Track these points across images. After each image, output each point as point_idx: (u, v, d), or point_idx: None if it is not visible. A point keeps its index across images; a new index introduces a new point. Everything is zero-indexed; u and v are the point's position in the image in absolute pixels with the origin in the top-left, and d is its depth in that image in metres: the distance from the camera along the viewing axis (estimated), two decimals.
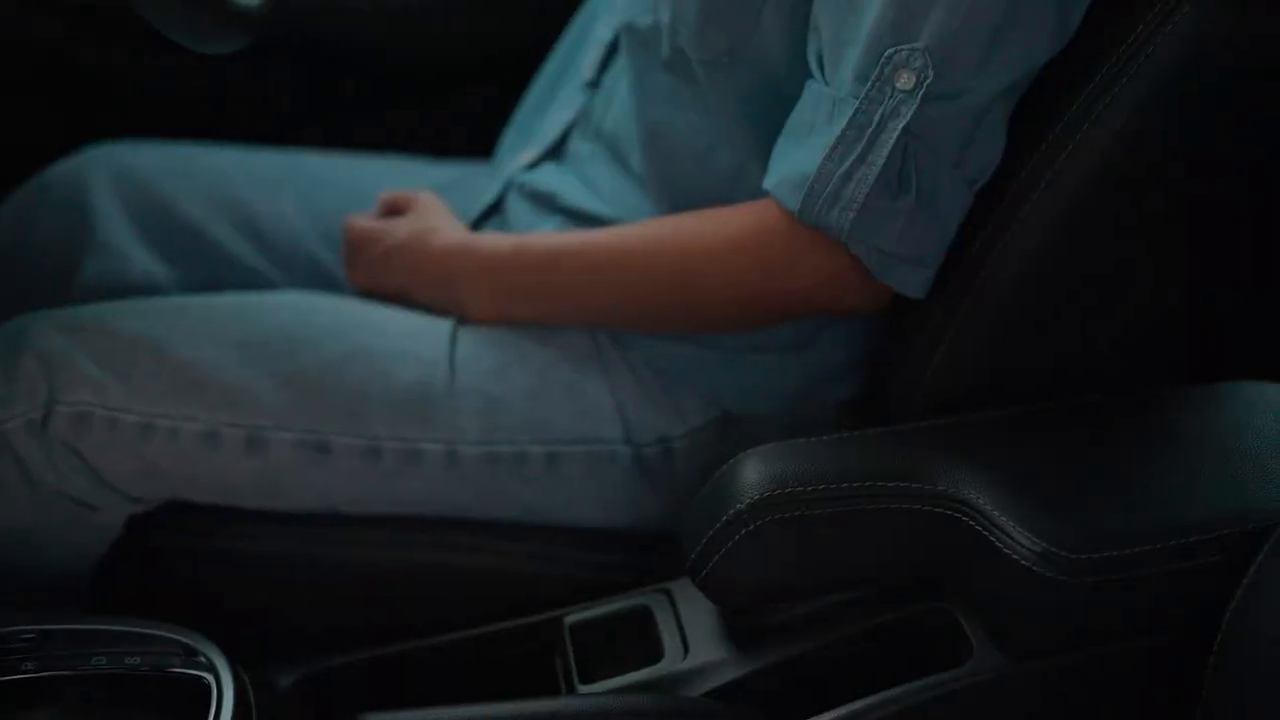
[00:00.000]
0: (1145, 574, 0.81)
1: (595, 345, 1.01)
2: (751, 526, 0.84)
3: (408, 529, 1.00)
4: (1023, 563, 0.81)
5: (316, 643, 0.97)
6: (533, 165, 1.09)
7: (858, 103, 0.84)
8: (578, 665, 0.91)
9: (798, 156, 0.87)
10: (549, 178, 1.07)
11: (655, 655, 0.90)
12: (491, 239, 1.02)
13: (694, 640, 0.90)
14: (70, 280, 1.11)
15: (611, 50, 1.07)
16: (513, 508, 1.00)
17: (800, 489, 0.85)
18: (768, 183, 0.89)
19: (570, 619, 0.94)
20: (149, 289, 1.12)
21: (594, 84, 1.08)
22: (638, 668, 0.89)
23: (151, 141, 1.21)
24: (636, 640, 0.92)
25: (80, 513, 0.97)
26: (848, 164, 0.85)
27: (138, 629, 0.90)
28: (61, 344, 0.96)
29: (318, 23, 1.30)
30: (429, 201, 1.08)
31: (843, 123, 0.85)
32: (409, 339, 1.00)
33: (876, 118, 0.84)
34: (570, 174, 1.07)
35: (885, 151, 0.84)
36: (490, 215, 1.11)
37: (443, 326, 1.01)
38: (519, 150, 1.12)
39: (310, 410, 0.97)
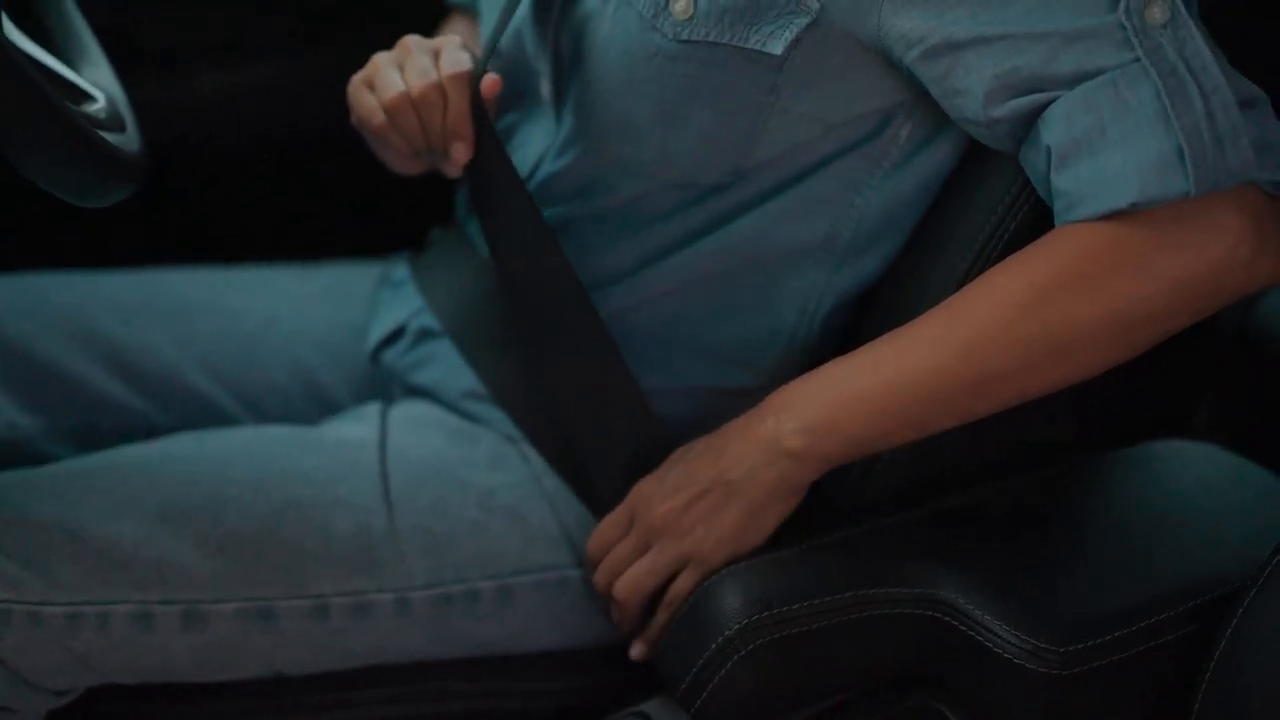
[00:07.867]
0: (1125, 655, 0.85)
1: (529, 467, 0.97)
2: (743, 651, 0.85)
3: (359, 685, 0.95)
4: (1015, 660, 0.83)
5: None
6: None
7: (1140, 57, 0.77)
8: None
9: (1127, 154, 0.78)
10: None
11: None
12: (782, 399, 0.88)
13: None
14: None
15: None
16: (468, 646, 0.96)
17: (786, 609, 0.85)
18: (1112, 204, 0.78)
19: None
20: (14, 443, 1.03)
21: None
22: None
23: None
24: None
25: None
26: (1198, 106, 0.77)
27: None
28: None
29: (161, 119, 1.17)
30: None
31: (1150, 85, 0.77)
32: (338, 483, 0.94)
33: (1172, 56, 0.77)
34: None
35: (1216, 70, 0.77)
36: (393, 340, 1.05)
37: (370, 464, 0.96)
38: None
39: (248, 576, 0.90)
